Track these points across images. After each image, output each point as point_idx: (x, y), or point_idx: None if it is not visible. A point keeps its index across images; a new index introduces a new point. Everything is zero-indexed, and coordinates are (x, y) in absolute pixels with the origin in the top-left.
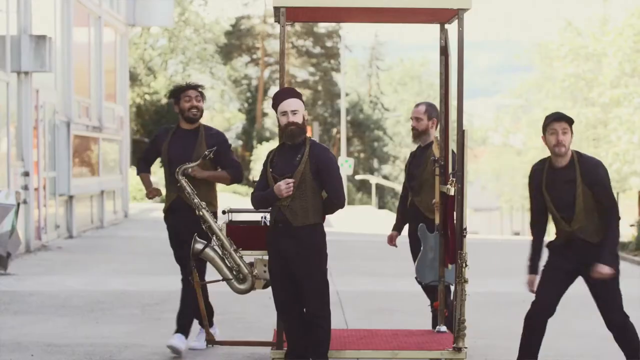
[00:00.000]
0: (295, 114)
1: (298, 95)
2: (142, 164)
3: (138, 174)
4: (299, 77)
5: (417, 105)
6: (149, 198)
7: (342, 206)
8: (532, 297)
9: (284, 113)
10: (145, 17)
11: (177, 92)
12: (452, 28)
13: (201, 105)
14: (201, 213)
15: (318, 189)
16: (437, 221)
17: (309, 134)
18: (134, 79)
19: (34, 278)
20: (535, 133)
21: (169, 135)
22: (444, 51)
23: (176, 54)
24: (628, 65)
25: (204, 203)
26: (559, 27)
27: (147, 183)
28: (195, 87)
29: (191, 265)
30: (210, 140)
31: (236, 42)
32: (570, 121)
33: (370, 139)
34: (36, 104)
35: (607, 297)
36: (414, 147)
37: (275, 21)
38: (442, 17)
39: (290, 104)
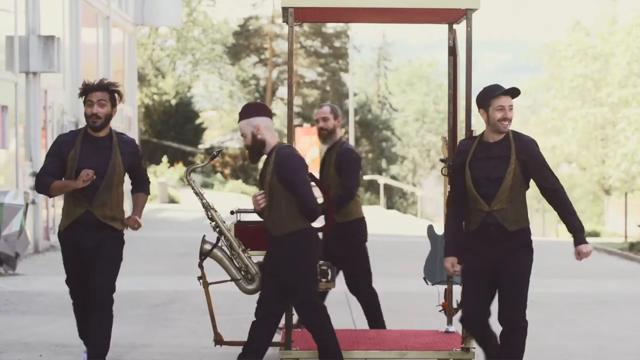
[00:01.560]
0: (244, 136)
1: (251, 114)
2: (49, 179)
3: (50, 185)
4: (307, 78)
5: (321, 106)
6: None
7: (313, 214)
8: (541, 297)
9: None
10: (154, 17)
11: (82, 93)
12: (460, 28)
13: (104, 112)
14: (210, 214)
15: (292, 196)
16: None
17: (316, 134)
18: (142, 79)
19: (42, 278)
20: (544, 133)
21: (76, 142)
22: (452, 51)
23: (185, 54)
24: (636, 65)
25: (212, 203)
26: (567, 27)
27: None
28: (103, 87)
29: (201, 266)
30: (124, 148)
31: (244, 42)
32: (516, 95)
33: (379, 139)
34: (44, 104)
35: (513, 294)
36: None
37: (284, 21)
38: (450, 17)
39: (240, 127)
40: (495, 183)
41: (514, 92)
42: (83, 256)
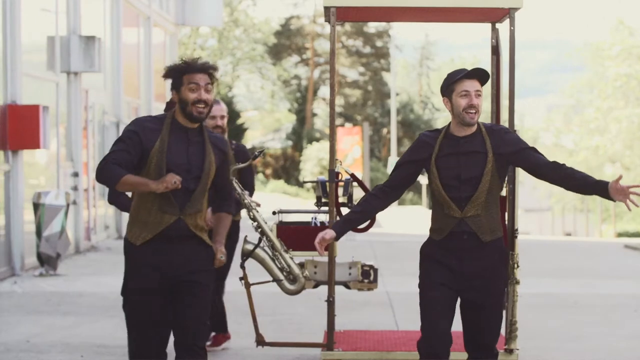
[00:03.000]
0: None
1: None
2: (120, 170)
3: (121, 177)
4: (349, 77)
5: (217, 103)
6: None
7: None
8: (586, 298)
9: None
10: (195, 17)
11: (180, 73)
12: (503, 27)
13: (211, 98)
14: (252, 214)
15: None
16: None
17: (358, 134)
18: None
19: (83, 279)
20: (588, 133)
21: (163, 131)
22: (495, 51)
23: (226, 54)
24: None
25: (254, 203)
26: (610, 26)
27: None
28: (206, 69)
29: (242, 266)
30: (215, 145)
31: (286, 42)
32: (483, 80)
33: None
34: (85, 104)
35: (493, 316)
36: None
37: (326, 21)
38: (493, 16)
39: None
40: (468, 184)
41: (480, 75)
42: (169, 280)
